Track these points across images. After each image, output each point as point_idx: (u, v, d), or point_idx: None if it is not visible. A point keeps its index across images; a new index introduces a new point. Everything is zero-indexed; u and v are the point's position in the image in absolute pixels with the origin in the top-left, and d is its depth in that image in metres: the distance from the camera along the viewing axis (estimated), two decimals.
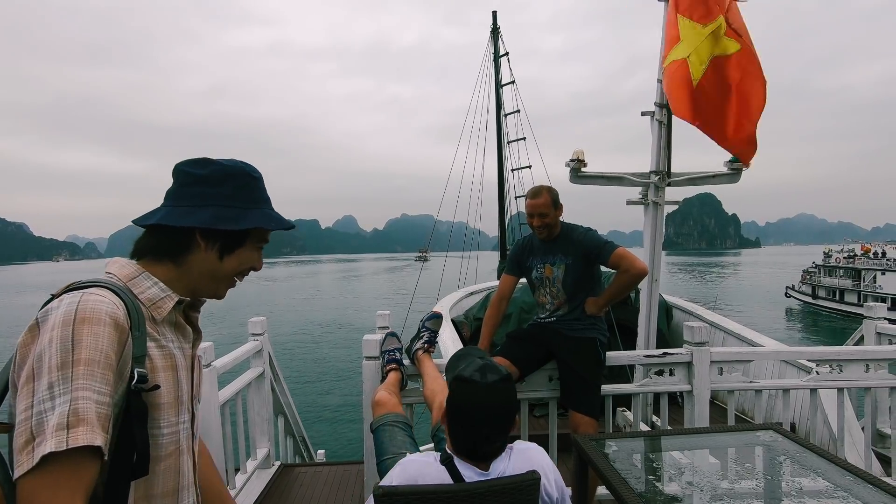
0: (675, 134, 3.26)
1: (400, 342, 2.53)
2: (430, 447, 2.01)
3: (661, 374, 2.75)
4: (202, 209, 0.91)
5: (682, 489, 1.72)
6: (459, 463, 1.34)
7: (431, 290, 11.20)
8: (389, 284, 71.84)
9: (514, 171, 13.15)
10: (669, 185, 3.28)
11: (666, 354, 2.71)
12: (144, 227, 0.92)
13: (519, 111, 13.18)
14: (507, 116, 13.28)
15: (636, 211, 3.43)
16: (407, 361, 2.48)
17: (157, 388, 0.83)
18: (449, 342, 3.90)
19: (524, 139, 13.09)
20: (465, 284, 9.16)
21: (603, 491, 2.50)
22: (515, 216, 13.01)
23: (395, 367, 2.40)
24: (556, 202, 2.54)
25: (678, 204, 3.41)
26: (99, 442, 0.70)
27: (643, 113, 3.33)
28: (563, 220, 2.63)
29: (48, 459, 0.67)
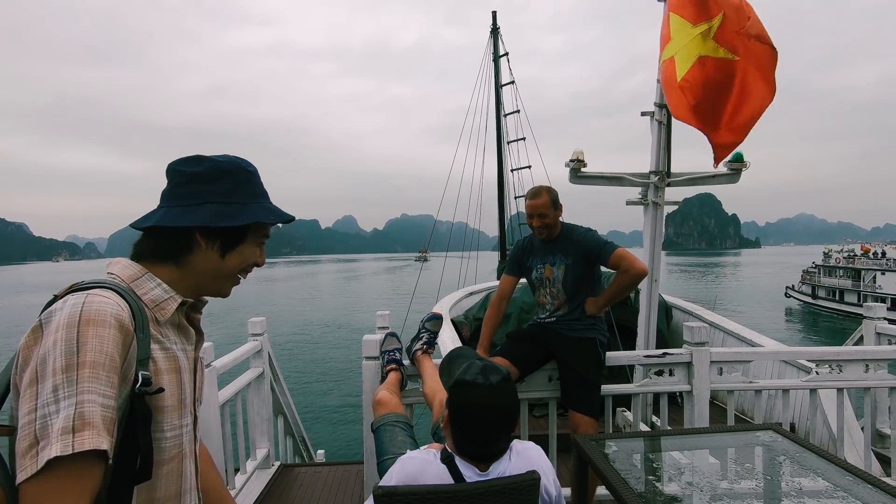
0: (674, 134, 3.26)
1: (400, 342, 2.53)
2: None
3: (660, 374, 2.75)
4: (199, 208, 0.89)
5: (681, 489, 1.72)
6: (460, 462, 1.34)
7: (431, 290, 11.20)
8: (389, 284, 71.81)
9: (513, 171, 13.16)
10: (669, 185, 3.28)
11: (666, 355, 2.71)
12: (142, 229, 0.90)
13: (519, 111, 13.20)
14: (506, 116, 13.28)
15: (636, 211, 3.43)
16: (407, 362, 2.48)
17: (161, 391, 0.82)
18: (448, 342, 3.90)
19: (524, 139, 13.11)
20: (464, 284, 9.15)
21: (603, 491, 2.50)
22: (515, 216, 13.02)
23: (394, 367, 2.40)
24: (555, 202, 2.54)
25: (678, 204, 3.41)
26: (105, 446, 0.69)
27: (643, 113, 3.33)
28: (562, 220, 2.63)
29: (53, 464, 0.65)
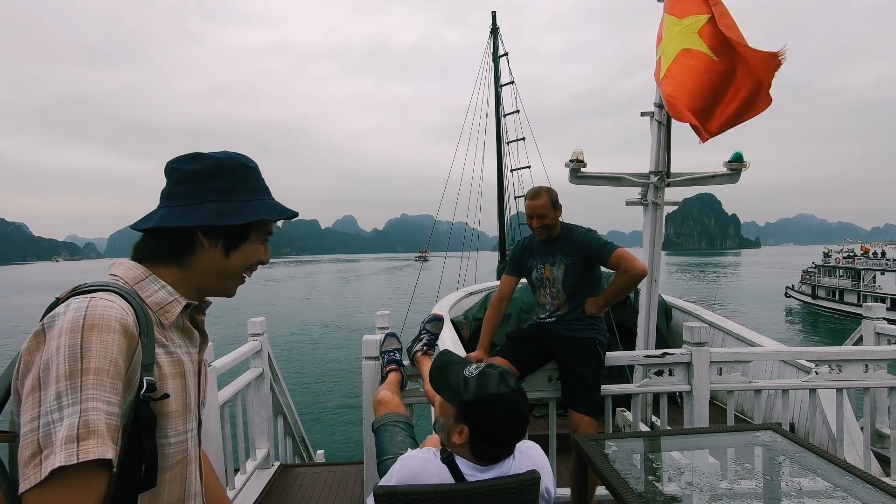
0: (674, 134, 3.25)
1: (399, 343, 2.53)
2: None
3: (660, 374, 2.75)
4: (200, 206, 0.87)
5: (681, 489, 1.72)
6: (460, 461, 1.33)
7: (431, 290, 11.20)
8: (389, 284, 71.80)
9: (513, 171, 13.17)
10: (669, 185, 3.27)
11: (665, 355, 2.71)
12: (143, 230, 0.89)
13: (518, 111, 13.21)
14: (506, 116, 13.29)
15: (636, 211, 3.43)
16: (407, 362, 2.48)
17: (166, 396, 0.81)
18: (448, 343, 3.90)
19: (524, 139, 13.12)
20: (464, 284, 9.15)
21: (602, 491, 2.51)
22: (515, 216, 13.02)
23: (394, 367, 2.40)
24: (555, 203, 2.54)
25: (678, 204, 3.41)
26: (110, 455, 0.67)
27: (643, 113, 3.33)
28: (562, 220, 2.63)
29: (57, 473, 0.63)
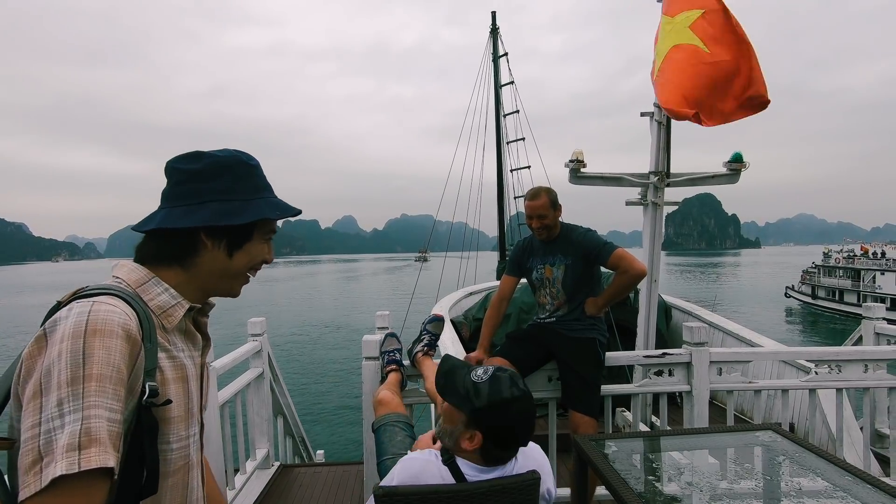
0: (674, 134, 3.26)
1: (399, 343, 2.53)
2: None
3: (660, 374, 2.75)
4: (202, 207, 0.85)
5: (681, 489, 1.72)
6: (462, 463, 1.33)
7: (431, 290, 11.21)
8: (389, 285, 71.80)
9: (513, 171, 13.17)
10: (668, 185, 3.27)
11: (665, 355, 2.71)
12: (144, 232, 0.87)
13: (518, 111, 13.21)
14: (506, 117, 13.29)
15: (636, 211, 3.43)
16: (407, 362, 2.48)
17: (168, 402, 0.80)
18: (448, 344, 3.90)
19: (523, 139, 13.12)
20: (464, 285, 9.15)
21: (602, 491, 2.51)
22: (515, 216, 13.02)
23: (394, 367, 2.40)
24: (554, 203, 2.54)
25: (677, 204, 3.41)
26: (112, 463, 0.66)
27: (642, 114, 3.33)
28: (562, 220, 2.63)
29: (58, 482, 0.62)
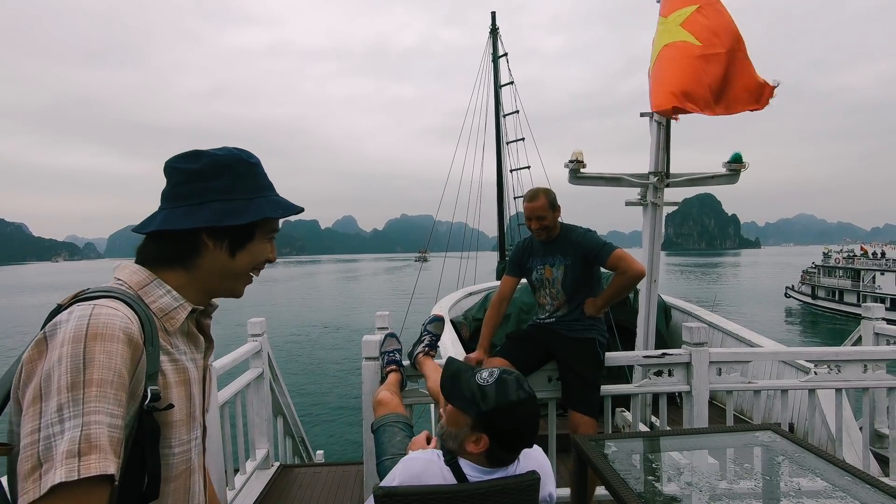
0: (674, 135, 3.25)
1: (399, 343, 2.53)
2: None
3: (659, 374, 2.75)
4: (202, 207, 0.85)
5: (680, 489, 1.72)
6: (465, 463, 1.33)
7: (430, 290, 11.22)
8: (389, 285, 71.79)
9: (512, 171, 13.19)
10: (668, 185, 3.28)
11: (665, 355, 2.71)
12: (145, 233, 0.86)
13: (518, 112, 13.22)
14: (506, 117, 13.30)
15: (636, 211, 3.43)
16: (407, 362, 2.48)
17: (170, 407, 0.79)
18: (448, 344, 3.90)
19: (523, 140, 13.14)
20: (464, 285, 9.16)
21: (602, 491, 2.51)
22: (514, 216, 13.03)
23: (394, 368, 2.40)
24: (553, 204, 2.54)
25: (677, 205, 3.41)
26: (112, 470, 0.65)
27: (642, 114, 3.33)
28: (562, 220, 2.63)
29: (57, 489, 0.61)
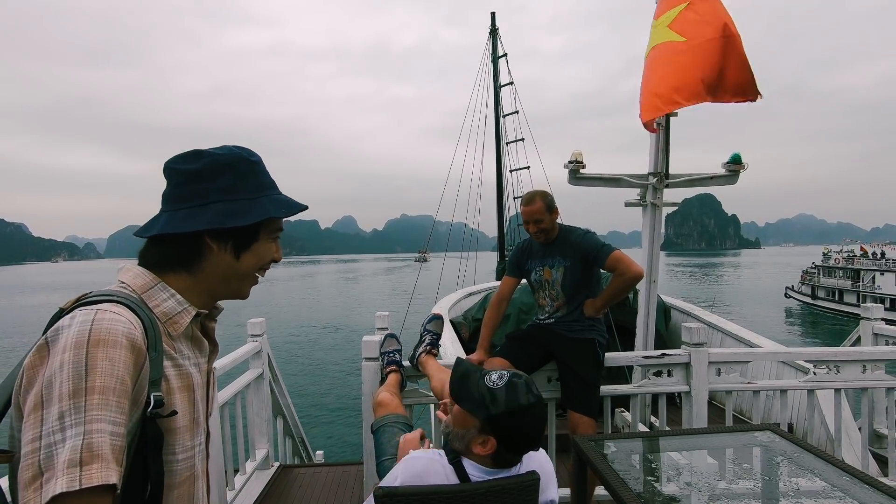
0: (673, 135, 3.26)
1: (399, 343, 2.53)
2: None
3: (659, 374, 2.76)
4: (204, 209, 0.82)
5: (680, 489, 1.73)
6: (468, 463, 1.33)
7: (430, 290, 11.22)
8: (389, 285, 71.78)
9: (512, 171, 13.20)
10: (668, 186, 3.28)
11: (664, 355, 2.71)
12: (147, 237, 0.85)
13: (517, 112, 13.24)
14: (505, 117, 13.32)
15: (635, 212, 3.44)
16: (407, 363, 2.49)
17: (174, 413, 0.78)
18: (448, 344, 3.90)
19: (523, 140, 13.15)
20: (463, 285, 9.16)
21: (602, 491, 2.51)
22: (514, 217, 13.05)
23: (394, 368, 2.40)
24: (550, 207, 2.54)
25: (677, 205, 3.41)
26: (114, 479, 0.64)
27: None
28: (562, 221, 2.64)
29: (58, 500, 0.61)
